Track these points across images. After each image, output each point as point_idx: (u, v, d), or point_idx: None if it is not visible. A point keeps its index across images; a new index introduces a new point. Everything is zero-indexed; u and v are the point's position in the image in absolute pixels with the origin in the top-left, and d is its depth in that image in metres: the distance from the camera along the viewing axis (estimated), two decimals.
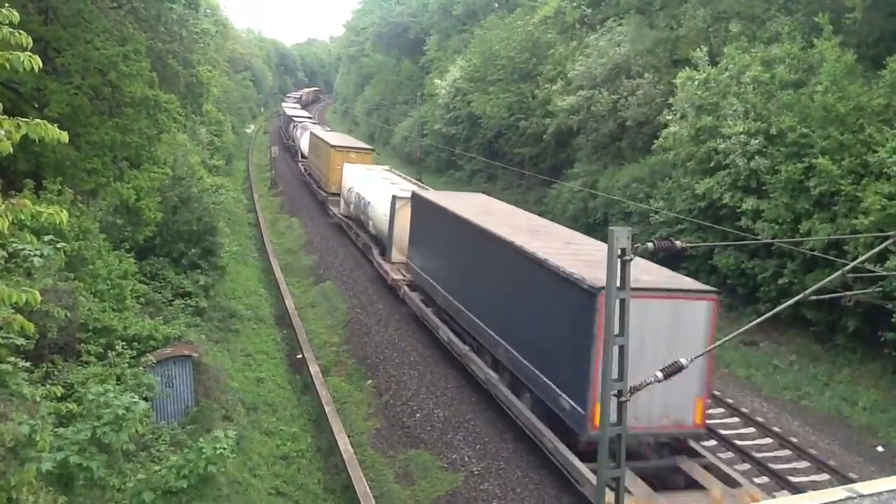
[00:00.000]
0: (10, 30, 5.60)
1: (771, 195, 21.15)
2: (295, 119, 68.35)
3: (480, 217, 18.11)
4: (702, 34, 28.76)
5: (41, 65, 5.75)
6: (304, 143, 54.27)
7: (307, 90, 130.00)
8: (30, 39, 5.70)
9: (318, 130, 52.79)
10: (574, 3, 41.22)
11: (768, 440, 16.28)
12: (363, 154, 40.40)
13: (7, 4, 5.82)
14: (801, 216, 20.40)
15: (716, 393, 17.69)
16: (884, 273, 16.29)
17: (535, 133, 38.32)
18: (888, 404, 17.79)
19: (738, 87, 23.44)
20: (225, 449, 9.98)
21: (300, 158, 55.49)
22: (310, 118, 72.77)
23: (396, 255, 25.80)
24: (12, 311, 7.29)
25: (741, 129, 22.32)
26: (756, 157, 21.81)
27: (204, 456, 9.70)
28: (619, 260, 8.60)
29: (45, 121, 5.87)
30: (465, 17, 60.98)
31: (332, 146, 40.42)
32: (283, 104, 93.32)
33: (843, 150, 19.37)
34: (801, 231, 20.03)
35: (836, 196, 19.44)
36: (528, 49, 41.16)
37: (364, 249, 31.41)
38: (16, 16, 5.72)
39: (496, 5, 58.07)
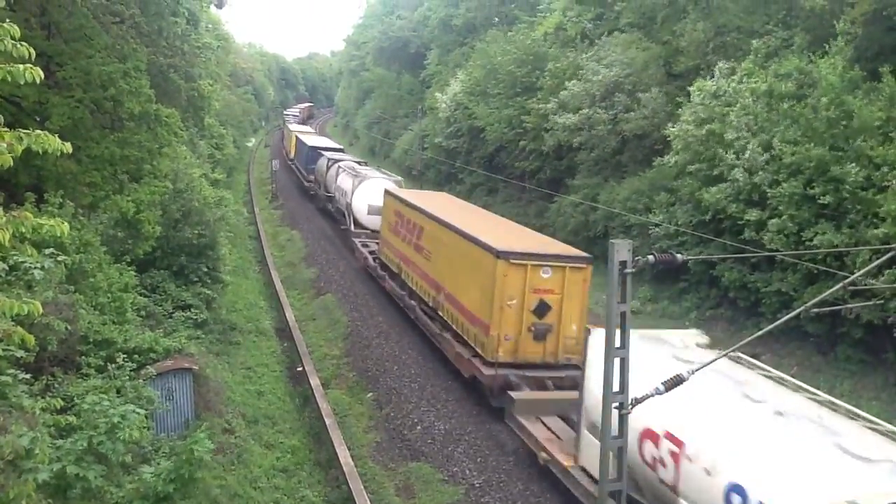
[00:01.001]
0: (12, 42, 5.63)
1: (777, 207, 21.05)
2: (328, 156, 43.98)
3: None
4: (701, 48, 28.91)
5: (42, 76, 5.78)
6: (358, 205, 33.17)
7: (303, 105, 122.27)
8: (32, 51, 5.73)
9: (405, 193, 28.19)
10: (575, 19, 41.46)
11: None
12: (574, 271, 17.45)
13: (8, 20, 5.85)
14: (805, 227, 20.34)
15: None
16: (885, 286, 16.30)
17: (534, 148, 38.42)
18: (890, 417, 17.69)
19: (747, 100, 23.39)
20: (202, 449, 9.94)
21: (352, 227, 34.00)
22: (353, 158, 46.08)
23: None
24: (13, 323, 7.31)
25: (746, 144, 22.25)
26: (760, 172, 21.77)
27: (184, 459, 9.69)
28: (620, 273, 8.62)
29: (46, 132, 5.90)
30: (465, 32, 61.30)
31: (499, 254, 17.25)
32: (291, 126, 72.90)
33: (857, 161, 19.32)
34: (804, 241, 19.96)
35: (841, 207, 19.42)
36: (529, 62, 41.32)
37: None
38: (16, 30, 5.75)
39: (496, 20, 58.37)
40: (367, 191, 33.04)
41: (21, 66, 5.62)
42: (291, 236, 39.68)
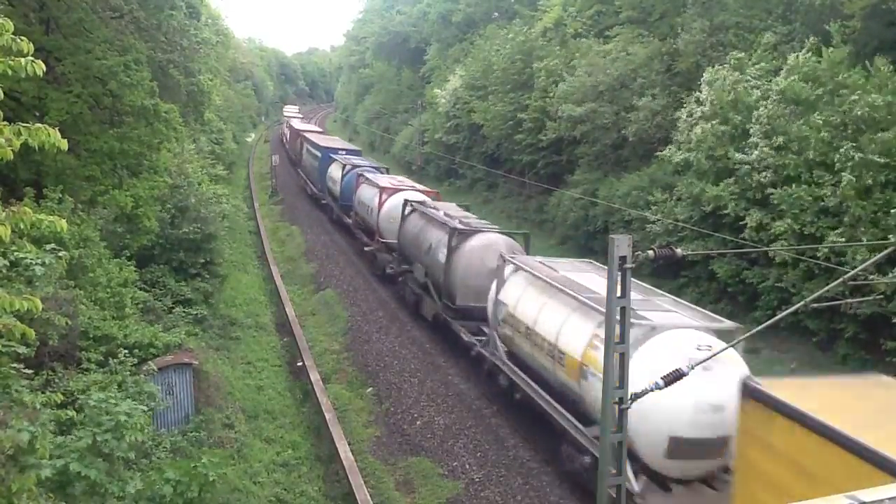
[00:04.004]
0: (12, 37, 5.62)
1: (784, 209, 20.79)
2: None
3: None
4: (699, 45, 28.81)
5: (45, 69, 5.76)
6: None
7: (294, 107, 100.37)
8: (31, 46, 5.71)
9: None
10: (575, 14, 41.40)
11: None
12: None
13: (3, 15, 5.83)
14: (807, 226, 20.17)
15: None
16: (884, 281, 16.29)
17: (532, 142, 38.40)
18: None
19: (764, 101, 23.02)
20: (215, 477, 9.97)
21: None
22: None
23: None
24: (13, 318, 7.31)
25: (762, 144, 21.94)
26: (766, 172, 21.52)
27: (200, 476, 9.70)
28: (619, 268, 8.62)
29: (44, 125, 5.89)
30: (464, 27, 61.16)
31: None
32: (349, 159, 41.08)
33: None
34: (807, 237, 19.80)
35: (843, 205, 19.30)
36: (521, 59, 41.30)
37: None
38: (10, 24, 5.72)
39: (496, 15, 58.23)
40: None
41: (23, 60, 5.60)
42: (291, 231, 39.69)
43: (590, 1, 41.14)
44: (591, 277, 15.84)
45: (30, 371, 10.08)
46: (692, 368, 8.55)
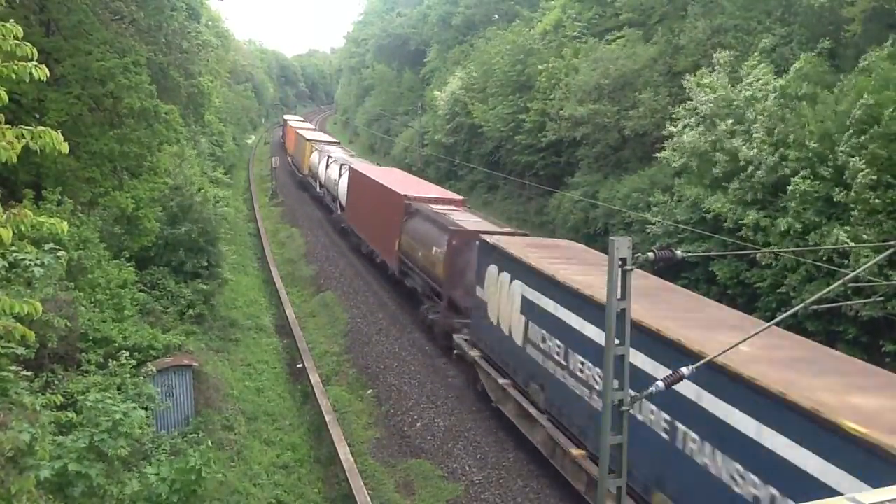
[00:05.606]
0: (16, 42, 5.63)
1: (790, 206, 20.74)
2: None
3: None
4: (700, 47, 28.85)
5: (48, 74, 5.78)
6: None
7: (298, 119, 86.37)
8: (35, 51, 5.73)
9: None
10: (574, 17, 41.43)
11: None
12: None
13: (12, 20, 5.84)
14: (812, 228, 20.11)
15: None
16: (885, 283, 16.29)
17: (531, 143, 38.42)
18: None
19: (763, 101, 22.98)
20: (205, 470, 10.01)
21: None
22: None
23: None
24: (13, 320, 7.31)
25: (766, 141, 21.87)
26: (780, 167, 21.46)
27: (189, 469, 9.74)
28: (619, 270, 8.61)
29: (47, 128, 5.89)
30: (464, 29, 61.23)
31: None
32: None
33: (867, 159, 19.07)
34: (808, 238, 19.75)
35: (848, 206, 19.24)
36: (520, 61, 41.32)
37: None
38: (19, 30, 5.74)
39: (496, 16, 58.28)
40: None
41: (27, 65, 5.63)
42: (291, 233, 39.67)
43: (589, 3, 41.17)
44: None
45: (29, 373, 10.08)
46: (692, 371, 8.56)
